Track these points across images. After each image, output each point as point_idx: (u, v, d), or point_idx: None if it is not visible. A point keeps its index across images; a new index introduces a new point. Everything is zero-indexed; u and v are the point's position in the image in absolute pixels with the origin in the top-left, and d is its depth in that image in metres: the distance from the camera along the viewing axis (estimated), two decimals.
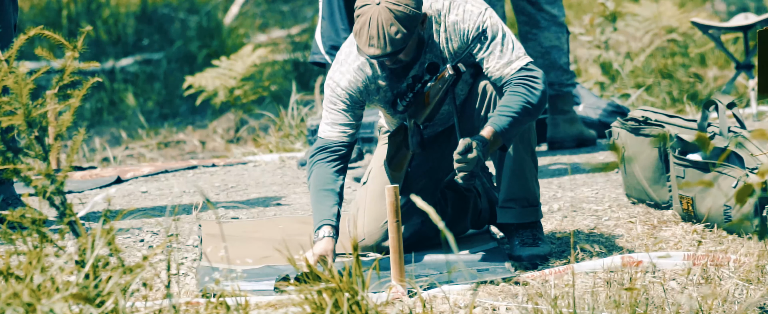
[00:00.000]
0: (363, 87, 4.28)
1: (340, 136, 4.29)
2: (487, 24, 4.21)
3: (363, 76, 4.27)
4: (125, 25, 10.53)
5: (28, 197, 3.82)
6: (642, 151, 4.83)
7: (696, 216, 4.62)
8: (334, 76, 4.30)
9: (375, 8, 4.08)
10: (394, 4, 4.08)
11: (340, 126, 4.30)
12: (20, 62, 3.61)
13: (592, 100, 6.71)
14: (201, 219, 4.85)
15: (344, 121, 4.29)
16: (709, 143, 3.35)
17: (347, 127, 4.29)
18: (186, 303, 3.77)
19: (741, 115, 4.79)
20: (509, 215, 4.33)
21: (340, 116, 4.29)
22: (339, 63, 4.31)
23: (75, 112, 3.61)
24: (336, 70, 4.30)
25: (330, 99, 4.30)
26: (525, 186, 4.31)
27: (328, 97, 4.31)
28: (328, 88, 4.31)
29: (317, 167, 4.28)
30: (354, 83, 4.27)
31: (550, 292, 3.98)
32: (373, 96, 4.31)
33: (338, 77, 4.29)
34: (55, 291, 3.32)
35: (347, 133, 4.29)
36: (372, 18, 4.08)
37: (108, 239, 3.42)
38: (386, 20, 4.07)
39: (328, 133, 4.30)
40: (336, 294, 3.52)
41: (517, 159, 4.29)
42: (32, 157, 3.57)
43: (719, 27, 7.14)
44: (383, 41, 4.07)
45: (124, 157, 7.91)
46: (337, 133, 4.30)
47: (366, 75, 4.28)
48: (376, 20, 4.07)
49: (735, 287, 4.08)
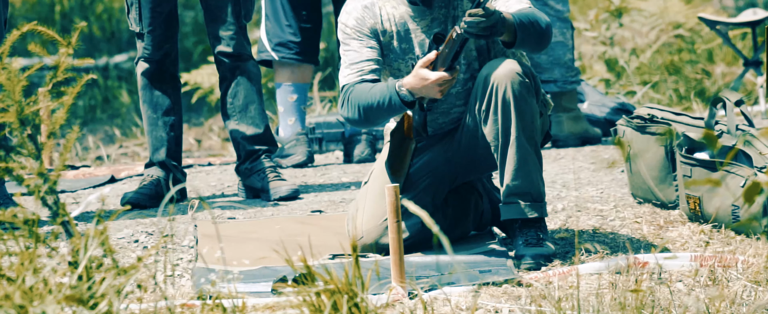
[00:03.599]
0: (372, 23, 4.27)
1: (368, 66, 4.23)
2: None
3: (370, 13, 4.28)
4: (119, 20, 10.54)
5: (20, 196, 3.80)
6: (648, 150, 4.81)
7: (703, 216, 4.59)
8: (341, 17, 4.30)
9: None
10: None
11: (363, 62, 4.24)
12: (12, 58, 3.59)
13: (596, 97, 6.69)
14: (197, 219, 4.83)
15: (365, 55, 4.24)
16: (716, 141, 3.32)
17: (371, 62, 4.24)
18: (181, 305, 3.75)
19: (749, 112, 4.78)
20: (513, 211, 4.25)
21: (358, 53, 4.24)
22: (347, 4, 4.30)
23: (68, 110, 3.60)
24: (343, 12, 4.30)
25: (343, 40, 4.28)
26: (528, 180, 4.22)
27: (342, 41, 4.29)
28: (340, 33, 4.30)
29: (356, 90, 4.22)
30: (360, 20, 4.27)
31: (553, 294, 3.95)
32: (384, 31, 4.26)
33: (345, 18, 4.29)
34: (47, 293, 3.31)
35: (372, 67, 4.24)
36: None
37: (102, 240, 3.40)
38: None
39: (352, 74, 4.23)
40: (335, 296, 3.50)
41: (521, 151, 4.19)
42: (24, 155, 3.56)
43: (727, 22, 7.11)
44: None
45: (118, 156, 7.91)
46: (363, 66, 4.23)
47: (374, 13, 4.28)
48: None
49: (743, 289, 4.05)
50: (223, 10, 5.13)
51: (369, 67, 4.25)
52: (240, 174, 5.26)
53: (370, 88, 4.21)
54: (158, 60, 5.18)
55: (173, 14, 5.16)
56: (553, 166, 5.75)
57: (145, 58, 5.18)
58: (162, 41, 5.16)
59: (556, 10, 6.19)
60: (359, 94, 4.22)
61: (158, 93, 5.20)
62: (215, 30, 5.16)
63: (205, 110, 8.89)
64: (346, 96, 4.25)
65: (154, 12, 5.12)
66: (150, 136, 5.24)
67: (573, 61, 6.30)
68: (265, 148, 5.26)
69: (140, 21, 5.12)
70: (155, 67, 5.18)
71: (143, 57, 5.18)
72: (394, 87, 4.18)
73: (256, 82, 5.25)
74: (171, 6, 5.16)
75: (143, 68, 5.19)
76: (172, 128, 5.22)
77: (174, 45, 5.21)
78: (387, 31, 4.30)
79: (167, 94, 5.22)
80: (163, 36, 5.15)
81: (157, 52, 5.16)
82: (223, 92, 5.25)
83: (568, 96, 6.29)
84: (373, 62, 4.26)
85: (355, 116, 4.25)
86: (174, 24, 5.19)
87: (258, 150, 5.24)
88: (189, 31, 10.10)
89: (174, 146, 5.22)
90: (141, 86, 5.22)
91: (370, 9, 4.27)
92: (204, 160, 6.52)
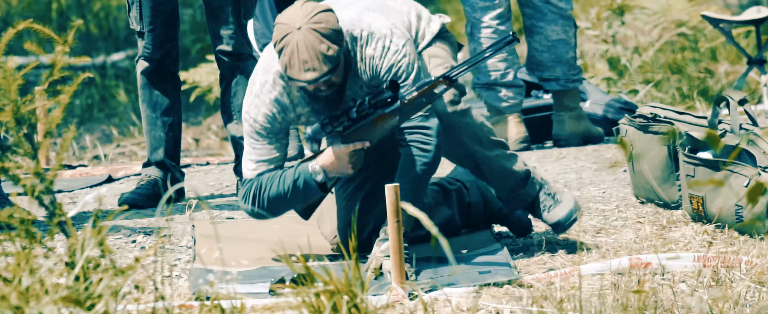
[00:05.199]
0: (281, 118, 4.19)
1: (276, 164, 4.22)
2: (402, 62, 4.16)
3: (279, 107, 4.19)
4: (116, 18, 10.54)
5: (16, 196, 3.78)
6: (651, 149, 4.79)
7: (706, 216, 4.57)
8: (249, 110, 4.20)
9: (297, 33, 4.01)
10: (314, 23, 4.01)
11: (271, 160, 4.21)
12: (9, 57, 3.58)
13: (598, 96, 6.66)
14: (195, 219, 4.82)
15: (274, 153, 4.22)
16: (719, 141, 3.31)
17: (278, 159, 4.22)
18: (179, 306, 3.73)
19: (753, 111, 4.75)
20: (517, 204, 4.39)
21: (265, 150, 4.20)
22: (253, 95, 4.20)
23: (65, 109, 3.60)
24: (251, 103, 4.20)
25: (250, 134, 4.22)
26: (507, 177, 4.34)
27: (247, 133, 4.23)
28: (245, 123, 4.23)
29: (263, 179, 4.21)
30: (271, 115, 4.19)
31: (555, 295, 3.93)
32: (293, 123, 4.24)
33: (254, 111, 4.20)
34: (44, 294, 3.30)
35: (279, 164, 4.23)
36: (299, 43, 4.00)
37: (99, 240, 3.39)
38: (314, 40, 4.00)
39: (258, 168, 4.22)
40: (334, 297, 3.48)
41: (485, 162, 4.32)
42: (21, 154, 3.55)
43: (730, 21, 7.08)
44: (318, 61, 4.00)
45: (115, 155, 7.91)
46: (270, 164, 4.21)
47: (284, 105, 4.19)
48: (303, 43, 3.99)
49: (747, 289, 4.03)
50: (224, 9, 5.13)
51: (275, 164, 4.23)
52: (238, 174, 5.25)
53: (281, 174, 4.19)
54: (158, 59, 5.17)
55: (174, 13, 5.15)
56: (555, 166, 5.73)
57: (145, 57, 5.17)
58: (163, 40, 5.14)
59: (559, 8, 6.17)
60: (268, 183, 4.20)
61: (157, 92, 5.19)
62: (216, 28, 5.15)
63: (203, 109, 8.88)
64: (250, 187, 4.21)
65: (155, 11, 5.10)
66: (148, 135, 5.23)
67: (575, 59, 6.27)
68: None
69: (141, 20, 5.11)
70: (155, 66, 5.17)
71: (143, 56, 5.17)
72: (306, 169, 4.16)
73: None
74: (172, 5, 5.14)
75: (143, 67, 5.18)
76: (170, 128, 5.20)
77: (175, 44, 5.20)
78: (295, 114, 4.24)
79: (167, 94, 5.21)
80: (164, 35, 5.14)
81: (158, 51, 5.15)
82: (223, 90, 5.25)
83: (570, 94, 6.26)
84: (278, 159, 4.23)
85: (262, 206, 4.22)
86: (175, 23, 5.18)
87: None
88: (187, 29, 10.09)
89: (172, 146, 5.21)
90: (140, 85, 5.21)
91: (279, 102, 4.19)
92: (202, 160, 6.51)
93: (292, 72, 4.03)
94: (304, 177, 4.17)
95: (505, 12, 6.13)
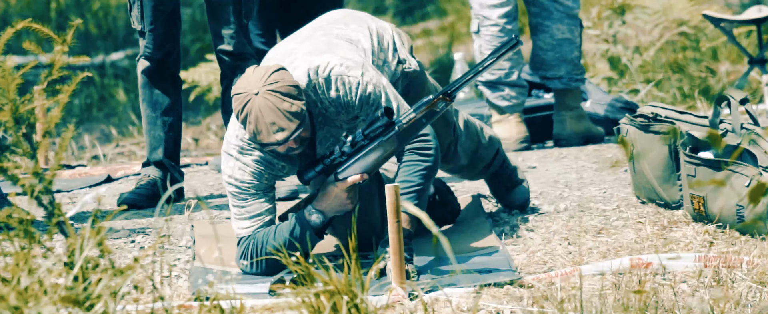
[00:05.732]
0: (268, 174, 4.20)
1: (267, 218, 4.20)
2: (369, 90, 4.14)
3: (265, 164, 4.18)
4: (116, 18, 10.53)
5: (15, 196, 3.77)
6: (651, 149, 4.78)
7: (707, 217, 4.56)
8: (233, 173, 4.18)
9: (257, 99, 4.00)
10: (271, 84, 4.01)
11: (262, 215, 4.20)
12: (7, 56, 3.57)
13: (599, 95, 6.65)
14: (194, 219, 4.80)
15: (264, 208, 4.20)
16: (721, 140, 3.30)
17: (269, 213, 4.21)
18: (179, 306, 3.72)
19: (754, 111, 4.75)
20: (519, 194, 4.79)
21: (255, 206, 4.19)
22: (234, 159, 4.18)
23: (64, 108, 3.58)
24: (233, 167, 4.18)
25: (237, 195, 4.19)
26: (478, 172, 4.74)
27: (234, 195, 4.19)
28: (230, 186, 4.20)
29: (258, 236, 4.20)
30: (258, 173, 4.18)
31: (556, 295, 3.92)
32: (280, 175, 4.23)
33: (240, 174, 4.18)
34: (43, 294, 3.29)
35: (270, 218, 4.21)
36: (261, 107, 4.00)
37: (98, 240, 3.38)
38: (275, 101, 4.00)
39: (251, 226, 4.20)
40: (334, 297, 3.47)
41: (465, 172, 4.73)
42: (19, 154, 3.54)
43: (732, 20, 7.07)
44: (285, 120, 3.99)
45: (114, 155, 7.89)
46: (263, 218, 4.20)
47: (268, 160, 4.19)
48: (266, 106, 3.99)
49: (748, 290, 4.02)
50: (225, 9, 5.13)
51: (267, 219, 4.22)
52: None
53: (276, 228, 4.18)
54: (159, 59, 5.16)
55: (176, 13, 5.15)
56: (556, 166, 5.72)
57: (146, 56, 5.16)
58: (163, 40, 5.14)
59: (565, 6, 6.16)
60: (263, 239, 4.18)
61: (158, 92, 5.18)
62: (217, 28, 5.15)
63: (202, 109, 8.87)
64: (247, 246, 4.19)
65: (156, 10, 5.10)
66: (148, 135, 5.22)
67: (579, 58, 6.27)
68: None
69: (142, 19, 5.11)
70: (156, 66, 5.16)
71: (145, 55, 5.16)
72: (303, 216, 4.15)
73: None
74: (173, 5, 5.14)
75: (144, 66, 5.17)
76: (170, 128, 5.20)
77: (176, 44, 5.19)
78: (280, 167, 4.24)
79: (167, 94, 5.20)
80: (165, 35, 5.13)
81: (159, 51, 5.14)
82: (224, 90, 5.25)
83: (572, 94, 6.25)
84: (269, 212, 4.22)
85: (259, 266, 4.18)
86: (176, 23, 5.17)
87: None
88: (186, 29, 10.09)
89: (172, 146, 5.20)
90: (141, 84, 5.20)
91: (263, 160, 4.19)
92: (202, 159, 6.49)
93: (262, 137, 4.01)
94: (301, 226, 4.15)
95: (512, 11, 6.11)
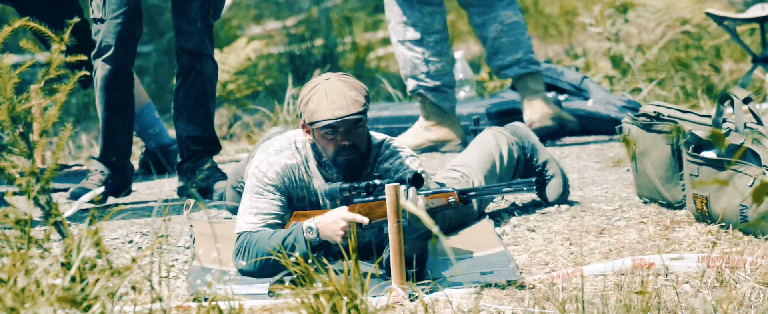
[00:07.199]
0: (289, 182, 4.27)
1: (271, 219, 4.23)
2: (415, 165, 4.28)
3: (290, 176, 4.27)
4: None
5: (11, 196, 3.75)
6: (654, 148, 4.77)
7: (710, 216, 4.55)
8: (261, 165, 4.27)
9: (327, 82, 4.18)
10: (345, 77, 4.21)
11: (269, 214, 4.23)
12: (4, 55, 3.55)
13: (601, 94, 6.64)
14: (192, 219, 4.79)
15: (274, 209, 4.24)
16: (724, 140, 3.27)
17: (276, 216, 4.25)
18: (177, 307, 3.71)
19: (757, 110, 4.74)
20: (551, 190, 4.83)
21: (266, 204, 4.24)
22: (269, 154, 4.28)
23: (61, 108, 3.57)
24: (264, 160, 4.28)
25: (255, 187, 4.26)
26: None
27: (253, 187, 4.26)
28: (253, 178, 4.27)
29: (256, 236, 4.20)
30: (281, 176, 4.26)
31: (557, 296, 3.90)
32: (296, 192, 4.28)
33: (266, 167, 4.27)
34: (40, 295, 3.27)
35: (275, 221, 4.24)
36: (329, 88, 4.16)
37: (95, 240, 3.36)
38: (344, 87, 4.17)
39: (255, 222, 4.22)
40: (334, 298, 3.45)
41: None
42: (16, 154, 3.52)
43: (735, 18, 7.05)
44: (346, 102, 4.14)
45: None
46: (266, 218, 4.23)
47: (294, 176, 4.27)
48: (334, 88, 4.16)
49: (751, 290, 4.01)
50: (190, 6, 5.13)
51: (272, 221, 4.25)
52: (180, 173, 5.27)
53: (273, 231, 4.20)
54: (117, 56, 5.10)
55: (137, 9, 5.10)
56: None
57: (105, 56, 5.10)
58: (124, 38, 5.09)
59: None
60: (259, 238, 4.19)
61: (116, 95, 5.16)
62: (179, 25, 5.17)
63: None
64: (242, 242, 4.21)
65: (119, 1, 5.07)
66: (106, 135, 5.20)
67: (530, 41, 6.32)
68: (208, 150, 5.28)
69: (104, 6, 5.09)
70: (116, 69, 5.13)
71: (102, 45, 5.10)
72: (300, 226, 4.16)
73: (211, 82, 5.27)
74: None
75: (104, 71, 5.12)
76: (127, 127, 5.20)
77: (134, 44, 5.14)
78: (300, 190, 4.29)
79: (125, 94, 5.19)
80: (126, 29, 5.08)
81: (119, 48, 5.10)
82: (178, 87, 5.27)
83: (533, 77, 6.29)
84: (277, 216, 4.26)
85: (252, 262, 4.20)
86: (138, 19, 5.12)
87: (201, 150, 5.25)
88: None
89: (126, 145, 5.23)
90: (98, 87, 5.16)
91: (292, 170, 4.27)
92: None
93: (320, 113, 4.13)
94: (296, 235, 4.16)
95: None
